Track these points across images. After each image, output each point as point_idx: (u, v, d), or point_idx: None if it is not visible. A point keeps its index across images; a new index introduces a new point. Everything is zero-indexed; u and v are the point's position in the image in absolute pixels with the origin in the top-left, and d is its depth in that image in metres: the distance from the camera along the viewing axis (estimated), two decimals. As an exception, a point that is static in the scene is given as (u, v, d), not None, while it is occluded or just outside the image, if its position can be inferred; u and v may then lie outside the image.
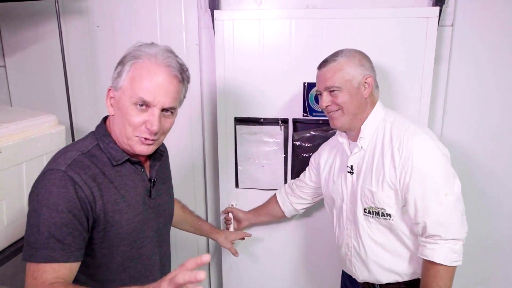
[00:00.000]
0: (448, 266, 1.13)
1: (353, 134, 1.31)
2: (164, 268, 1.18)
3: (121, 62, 0.99)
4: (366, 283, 1.35)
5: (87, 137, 1.07)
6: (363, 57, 1.26)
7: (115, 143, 1.03)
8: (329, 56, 1.28)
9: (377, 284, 1.32)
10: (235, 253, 1.66)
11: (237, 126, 1.76)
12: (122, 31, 1.84)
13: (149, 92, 0.96)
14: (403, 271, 1.27)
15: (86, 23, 1.86)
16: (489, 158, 1.73)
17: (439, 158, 1.16)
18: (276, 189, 1.76)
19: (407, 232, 1.24)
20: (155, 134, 0.99)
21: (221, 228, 1.87)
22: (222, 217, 1.87)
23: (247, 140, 1.77)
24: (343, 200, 1.34)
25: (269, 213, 1.72)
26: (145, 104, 0.97)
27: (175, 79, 0.99)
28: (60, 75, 1.84)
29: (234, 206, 1.81)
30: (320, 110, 1.65)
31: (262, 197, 1.80)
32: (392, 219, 1.22)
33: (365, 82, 1.24)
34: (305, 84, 1.66)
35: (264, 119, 1.73)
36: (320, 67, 1.29)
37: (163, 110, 0.99)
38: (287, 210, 1.65)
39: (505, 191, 1.75)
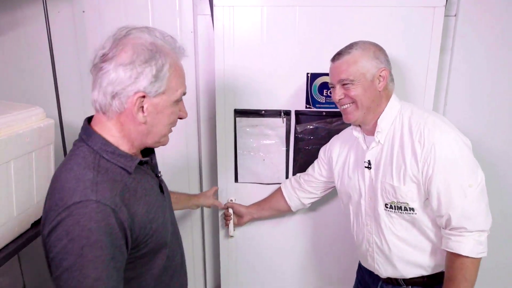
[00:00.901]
0: (474, 258, 1.12)
1: (368, 128, 1.28)
2: (182, 262, 1.13)
3: (152, 63, 0.86)
4: (389, 278, 1.32)
5: (78, 149, 0.90)
6: (378, 50, 1.23)
7: (117, 148, 0.91)
8: (343, 48, 1.24)
9: (401, 279, 1.30)
10: (220, 205, 1.69)
11: (237, 118, 1.68)
12: (111, 17, 1.71)
13: (184, 83, 0.95)
14: (427, 264, 1.26)
15: (70, 7, 1.72)
16: (489, 150, 1.73)
17: (462, 149, 1.14)
18: (277, 183, 1.71)
19: (430, 225, 1.22)
20: None
21: (220, 225, 1.81)
22: (220, 213, 1.80)
23: (247, 133, 1.70)
24: (361, 196, 1.31)
25: (273, 208, 1.68)
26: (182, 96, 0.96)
27: None
28: (42, 64, 1.72)
29: (233, 201, 1.75)
30: (324, 102, 1.62)
31: (262, 192, 1.75)
32: (416, 213, 1.20)
33: (380, 75, 1.21)
34: (309, 75, 1.60)
35: (266, 111, 1.66)
36: (334, 59, 1.25)
37: None
38: (294, 204, 1.61)
39: (505, 184, 1.76)
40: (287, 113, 1.66)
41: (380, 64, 1.21)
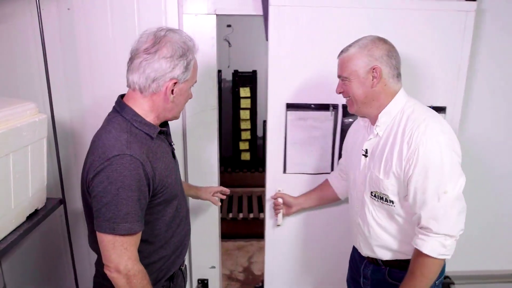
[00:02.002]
0: (434, 258, 1.19)
1: (372, 120, 1.36)
2: (187, 214, 1.39)
3: (184, 57, 1.13)
4: (370, 258, 1.43)
5: (114, 118, 1.16)
6: (376, 47, 1.26)
7: (144, 119, 1.16)
8: (347, 46, 1.31)
9: (379, 260, 1.40)
10: (216, 202, 1.76)
11: (288, 112, 1.79)
12: (96, 15, 1.74)
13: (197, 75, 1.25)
14: (402, 250, 1.34)
15: (54, 4, 1.74)
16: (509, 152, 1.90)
17: (446, 156, 1.18)
18: (323, 173, 1.81)
19: (406, 218, 1.30)
20: None
21: (267, 214, 1.92)
22: (269, 203, 1.88)
23: (297, 126, 1.81)
24: (355, 180, 1.42)
25: (322, 198, 1.77)
26: None
27: None
28: (29, 60, 1.73)
29: (281, 191, 1.83)
30: None
31: (309, 182, 1.84)
32: (394, 206, 1.29)
33: (373, 72, 1.26)
34: None
35: (315, 104, 1.76)
36: (338, 55, 1.34)
37: None
38: (340, 192, 1.71)
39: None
40: (335, 107, 1.77)
41: (374, 62, 1.25)
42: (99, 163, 1.06)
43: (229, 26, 4.49)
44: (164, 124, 1.27)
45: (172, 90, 1.15)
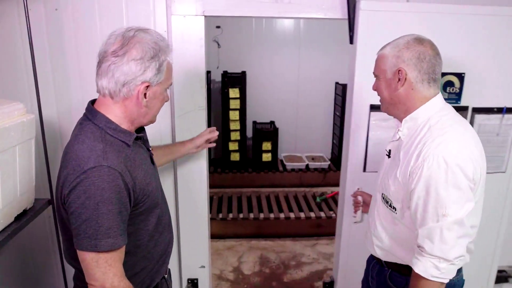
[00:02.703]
0: (428, 279, 1.15)
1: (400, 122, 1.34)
2: (169, 221, 1.35)
3: (155, 59, 1.07)
4: (376, 258, 1.44)
5: (85, 126, 1.09)
6: (407, 48, 1.21)
7: (118, 125, 1.10)
8: (386, 43, 1.29)
9: (383, 260, 1.40)
10: (211, 145, 1.81)
11: (371, 113, 1.86)
12: (84, 16, 1.74)
13: (172, 76, 1.18)
14: (401, 257, 1.32)
15: (42, 5, 1.74)
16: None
17: (451, 178, 1.11)
18: None
19: (408, 228, 1.27)
20: None
21: (344, 211, 1.99)
22: (348, 201, 1.94)
23: (379, 126, 1.87)
24: (378, 180, 1.41)
25: None
26: None
27: None
28: (16, 60, 1.73)
29: (360, 189, 1.85)
30: (447, 97, 1.84)
31: None
32: (396, 213, 1.27)
33: (398, 74, 1.22)
34: None
35: None
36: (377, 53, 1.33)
37: None
38: None
39: None
40: None
41: (400, 63, 1.21)
42: (75, 176, 0.99)
43: (218, 27, 4.51)
44: (140, 129, 1.22)
45: (145, 94, 1.09)
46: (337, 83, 4.68)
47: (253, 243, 3.43)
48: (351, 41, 1.85)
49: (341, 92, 4.45)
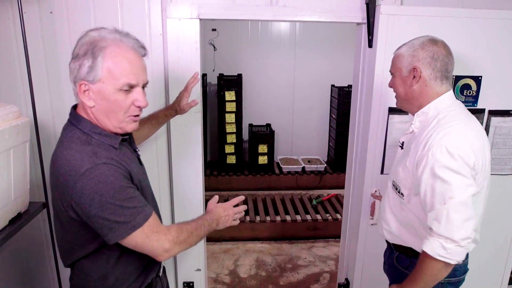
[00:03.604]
0: (434, 258, 1.21)
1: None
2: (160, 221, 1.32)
3: (89, 55, 1.02)
4: (387, 241, 1.54)
5: (70, 133, 1.09)
6: (422, 48, 1.31)
7: (103, 130, 1.10)
8: (401, 44, 1.39)
9: (391, 243, 1.50)
10: (195, 103, 1.66)
11: (389, 115, 1.89)
12: (79, 19, 1.74)
13: (132, 75, 1.06)
14: (406, 240, 1.42)
15: (37, 8, 1.74)
16: None
17: (453, 165, 1.20)
18: None
19: (413, 212, 1.36)
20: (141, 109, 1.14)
21: (362, 212, 2.02)
22: (366, 203, 1.99)
23: (397, 129, 1.90)
24: (391, 169, 1.52)
25: None
26: (130, 87, 1.07)
27: (141, 57, 1.11)
28: (10, 62, 1.74)
29: (377, 192, 1.86)
30: (463, 100, 1.88)
31: None
32: (404, 199, 1.38)
33: (414, 72, 1.32)
34: (453, 77, 1.83)
35: None
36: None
37: (143, 86, 1.12)
38: None
39: None
40: None
41: (415, 62, 1.31)
42: (73, 182, 0.99)
43: (214, 30, 4.52)
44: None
45: (86, 93, 1.06)
46: (333, 85, 4.70)
47: (249, 246, 3.43)
48: (370, 45, 1.88)
49: (337, 95, 4.46)
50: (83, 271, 1.16)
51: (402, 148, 1.47)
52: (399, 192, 1.40)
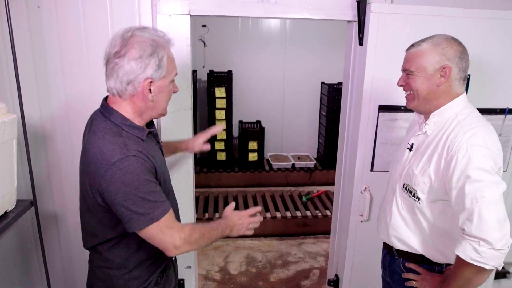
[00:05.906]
0: (467, 262, 1.15)
1: (427, 117, 1.37)
2: (178, 212, 1.41)
3: (154, 55, 1.12)
4: (388, 246, 1.50)
5: (102, 123, 1.16)
6: (449, 46, 1.27)
7: (132, 122, 1.18)
8: (419, 40, 1.32)
9: (394, 249, 1.46)
10: (207, 148, 1.75)
11: (380, 113, 1.89)
12: (67, 14, 1.72)
13: (176, 67, 1.23)
14: (415, 247, 1.38)
15: (24, 2, 1.70)
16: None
17: (484, 164, 1.17)
18: None
19: (427, 217, 1.33)
20: None
21: (352, 209, 2.01)
22: (355, 200, 1.98)
23: (387, 126, 1.91)
24: (395, 172, 1.46)
25: None
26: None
27: None
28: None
29: (368, 189, 1.87)
30: None
31: None
32: (419, 203, 1.32)
33: (442, 71, 1.27)
34: None
35: (404, 106, 1.76)
36: (408, 49, 1.34)
37: None
38: None
39: None
40: None
41: (445, 61, 1.26)
42: (103, 170, 1.07)
43: (204, 26, 4.49)
44: (150, 123, 1.30)
45: (150, 90, 1.16)
46: (323, 83, 4.72)
47: (240, 243, 3.43)
48: (361, 43, 1.88)
49: (327, 92, 4.48)
50: (103, 255, 1.25)
51: (410, 150, 1.41)
52: (414, 196, 1.34)
